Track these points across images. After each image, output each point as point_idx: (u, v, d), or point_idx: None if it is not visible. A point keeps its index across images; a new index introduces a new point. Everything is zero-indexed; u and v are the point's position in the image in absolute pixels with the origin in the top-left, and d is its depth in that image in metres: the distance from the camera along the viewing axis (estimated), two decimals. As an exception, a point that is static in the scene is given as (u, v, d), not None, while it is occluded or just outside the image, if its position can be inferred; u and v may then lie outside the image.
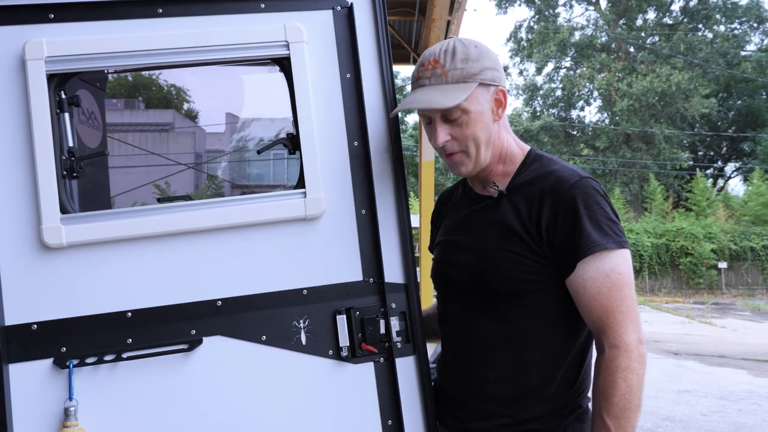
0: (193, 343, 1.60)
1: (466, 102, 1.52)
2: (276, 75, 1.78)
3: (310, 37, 1.70)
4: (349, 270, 1.68)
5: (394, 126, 1.73)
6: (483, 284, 1.58)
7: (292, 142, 1.71)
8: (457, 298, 1.67)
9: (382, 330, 1.66)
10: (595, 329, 1.49)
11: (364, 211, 1.70)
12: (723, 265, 22.79)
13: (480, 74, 1.53)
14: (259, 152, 1.94)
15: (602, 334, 1.47)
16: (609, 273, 1.46)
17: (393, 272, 1.68)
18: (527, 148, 1.68)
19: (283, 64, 1.70)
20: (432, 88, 1.55)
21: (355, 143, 1.71)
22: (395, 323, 1.67)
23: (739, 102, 33.29)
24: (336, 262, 1.67)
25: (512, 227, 1.54)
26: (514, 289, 1.54)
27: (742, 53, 32.49)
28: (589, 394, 1.55)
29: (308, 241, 1.67)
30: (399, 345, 1.67)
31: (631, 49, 33.73)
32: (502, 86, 1.58)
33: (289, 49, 1.67)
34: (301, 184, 1.66)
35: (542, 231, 1.51)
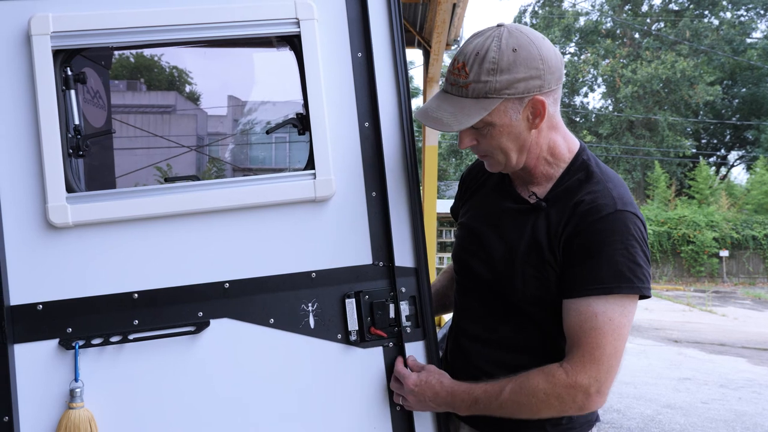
0: (201, 326, 1.58)
1: (489, 116, 1.42)
2: (280, 55, 1.74)
3: (321, 14, 1.66)
4: (359, 253, 1.65)
5: (406, 107, 1.69)
6: (502, 289, 1.55)
7: (302, 123, 1.67)
8: (476, 293, 1.64)
9: (392, 314, 1.64)
10: (567, 347, 1.44)
11: (374, 194, 1.67)
12: (724, 253, 22.79)
13: (507, 89, 1.38)
14: (268, 132, 1.91)
15: (566, 357, 1.41)
16: (598, 314, 1.37)
17: (403, 256, 1.66)
18: (576, 147, 1.55)
19: (293, 43, 1.66)
20: (450, 99, 1.45)
21: (366, 124, 1.68)
22: (405, 308, 1.65)
23: (744, 90, 33.09)
24: (345, 245, 1.65)
25: (541, 243, 1.47)
26: (529, 304, 1.50)
27: (748, 40, 32.23)
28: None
29: (317, 224, 1.64)
30: (408, 330, 1.65)
31: (636, 36, 33.48)
32: (540, 95, 1.41)
33: (299, 27, 1.63)
34: (310, 165, 1.63)
35: (561, 249, 1.45)
